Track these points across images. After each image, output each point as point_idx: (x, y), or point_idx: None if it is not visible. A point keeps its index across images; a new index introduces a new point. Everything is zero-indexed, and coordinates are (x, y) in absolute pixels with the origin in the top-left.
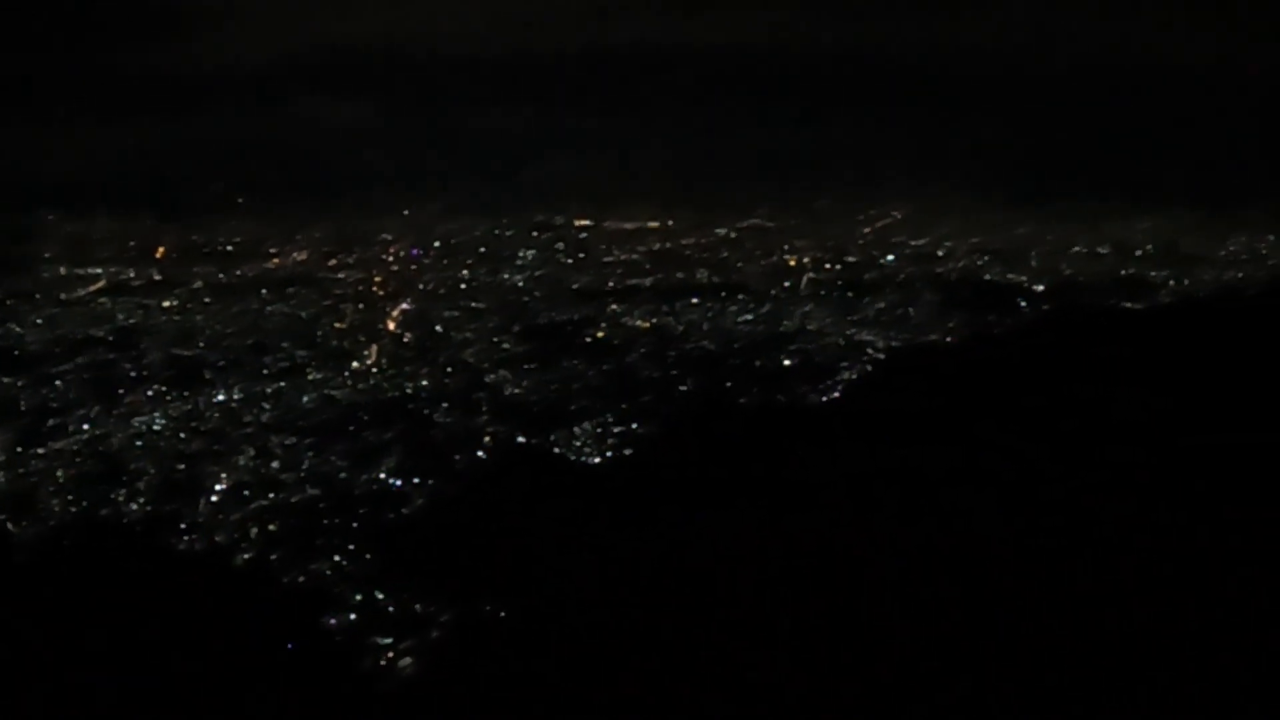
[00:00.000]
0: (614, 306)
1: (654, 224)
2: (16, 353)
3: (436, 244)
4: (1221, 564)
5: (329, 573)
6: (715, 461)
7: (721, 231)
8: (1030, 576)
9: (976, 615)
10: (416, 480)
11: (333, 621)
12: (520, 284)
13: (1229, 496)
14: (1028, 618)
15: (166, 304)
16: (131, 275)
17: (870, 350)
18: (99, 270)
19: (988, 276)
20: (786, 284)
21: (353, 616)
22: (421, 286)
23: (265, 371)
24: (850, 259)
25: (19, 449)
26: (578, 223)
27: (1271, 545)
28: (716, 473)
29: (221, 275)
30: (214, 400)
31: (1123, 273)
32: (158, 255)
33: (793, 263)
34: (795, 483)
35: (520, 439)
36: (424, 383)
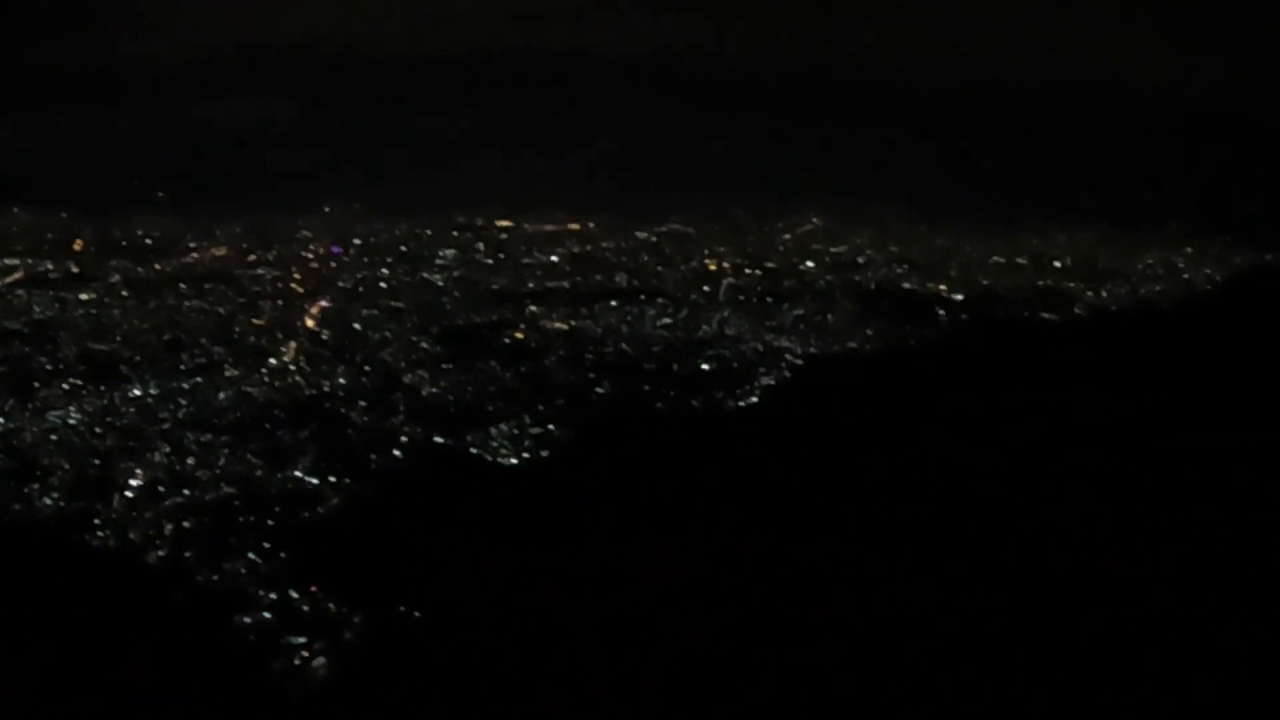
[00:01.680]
0: (533, 308)
1: (574, 226)
2: None
3: (356, 242)
4: (1176, 568)
5: (243, 571)
6: (631, 466)
7: (641, 236)
8: (989, 578)
9: (947, 620)
10: (332, 479)
11: (246, 620)
12: (439, 284)
13: (1178, 500)
14: (1005, 619)
15: (84, 297)
16: (49, 268)
17: (789, 356)
18: (15, 262)
19: (906, 285)
20: (705, 289)
21: (266, 616)
22: (340, 285)
23: (182, 368)
24: (769, 265)
25: None
26: (498, 224)
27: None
28: (632, 477)
29: (139, 270)
30: (130, 396)
31: (1040, 284)
32: (76, 248)
33: (712, 268)
34: (713, 488)
35: (437, 439)
36: (341, 381)
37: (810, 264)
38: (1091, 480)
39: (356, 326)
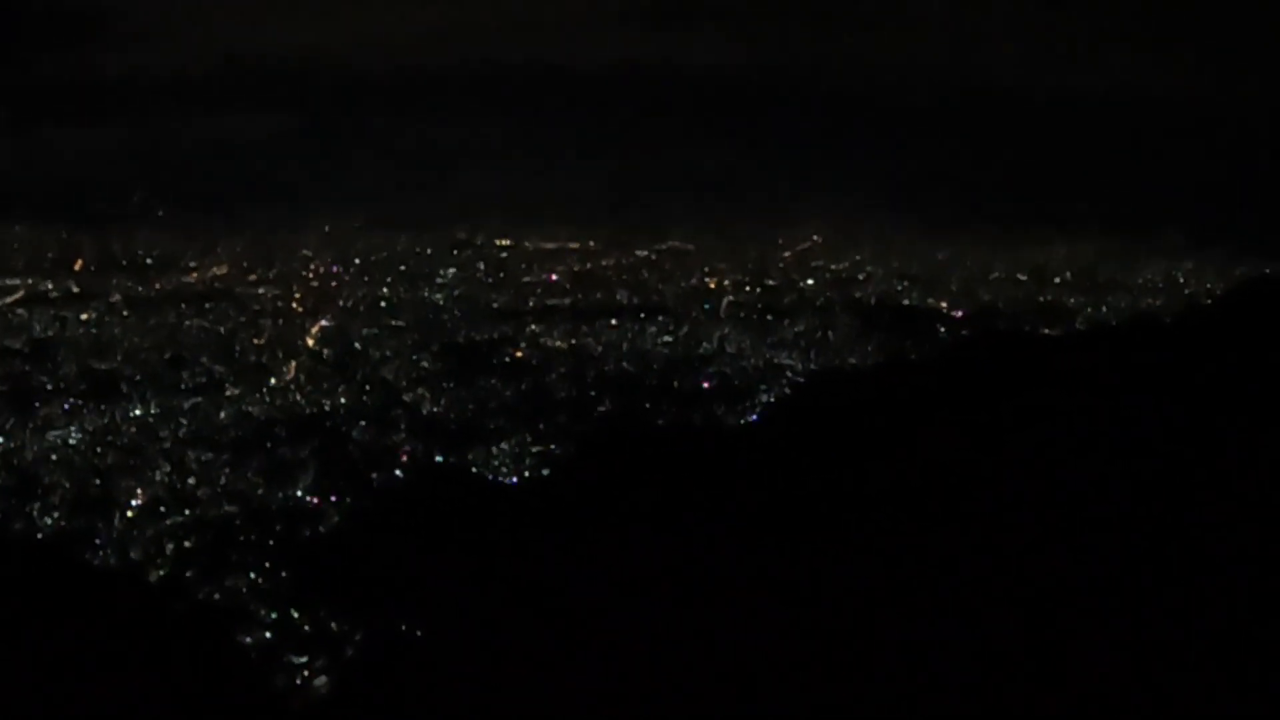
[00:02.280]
0: (533, 326)
1: (574, 244)
2: None
3: (357, 260)
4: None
5: (244, 590)
6: (632, 482)
7: (642, 253)
8: (990, 588)
9: (949, 629)
10: (333, 497)
11: (247, 639)
12: (440, 302)
13: (1179, 512)
14: (1007, 627)
15: (84, 316)
16: (49, 286)
17: (790, 373)
18: (16, 281)
19: (907, 301)
20: (706, 306)
21: (267, 634)
22: (341, 303)
23: (182, 386)
24: (770, 282)
25: None
26: (498, 241)
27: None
28: (633, 493)
29: (140, 288)
30: (130, 414)
31: (1041, 299)
32: (76, 267)
33: (712, 285)
34: (714, 503)
35: (438, 457)
36: (342, 400)
37: (810, 280)
38: (1092, 492)
39: (357, 345)
